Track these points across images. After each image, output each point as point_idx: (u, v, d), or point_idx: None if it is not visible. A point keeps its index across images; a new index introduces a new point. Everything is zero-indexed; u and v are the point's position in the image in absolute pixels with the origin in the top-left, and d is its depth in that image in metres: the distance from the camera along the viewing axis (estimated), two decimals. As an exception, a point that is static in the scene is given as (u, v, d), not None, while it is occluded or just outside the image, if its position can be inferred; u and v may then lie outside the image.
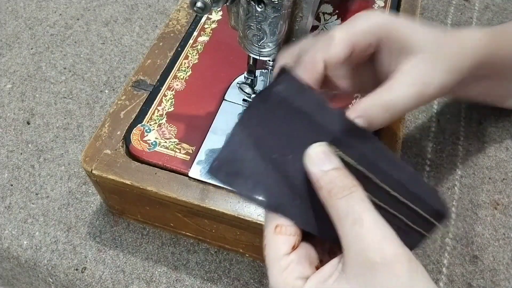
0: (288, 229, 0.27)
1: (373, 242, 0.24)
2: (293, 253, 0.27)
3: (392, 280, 0.23)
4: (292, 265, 0.26)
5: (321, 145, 0.27)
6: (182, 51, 0.47)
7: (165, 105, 0.42)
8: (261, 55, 0.36)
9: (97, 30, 0.61)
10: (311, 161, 0.27)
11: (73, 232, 0.44)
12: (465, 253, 0.42)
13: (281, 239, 0.27)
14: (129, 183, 0.37)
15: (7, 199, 0.46)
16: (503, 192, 0.46)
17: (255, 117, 0.27)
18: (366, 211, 0.25)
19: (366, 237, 0.24)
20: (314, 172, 0.26)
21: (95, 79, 0.56)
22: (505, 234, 0.43)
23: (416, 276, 0.24)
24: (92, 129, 0.51)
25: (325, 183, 0.26)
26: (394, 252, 0.24)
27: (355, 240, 0.24)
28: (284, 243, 0.27)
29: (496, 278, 0.41)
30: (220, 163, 0.27)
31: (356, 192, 0.26)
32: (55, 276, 0.42)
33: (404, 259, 0.24)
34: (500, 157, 0.48)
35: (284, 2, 0.32)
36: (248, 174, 0.27)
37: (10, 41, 0.59)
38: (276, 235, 0.27)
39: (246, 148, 0.27)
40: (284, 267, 0.26)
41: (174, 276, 0.42)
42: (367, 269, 0.24)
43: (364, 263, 0.24)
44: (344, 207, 0.25)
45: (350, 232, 0.25)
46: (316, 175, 0.26)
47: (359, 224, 0.24)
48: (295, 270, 0.26)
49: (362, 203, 0.25)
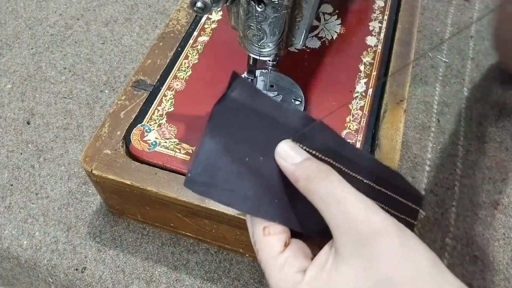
0: (276, 228, 0.28)
1: (360, 215, 0.24)
2: (287, 250, 0.27)
3: (386, 247, 0.24)
4: (289, 260, 0.27)
5: (286, 142, 0.28)
6: (182, 51, 0.47)
7: (165, 105, 0.42)
8: (261, 55, 0.36)
9: (97, 30, 0.61)
10: (282, 157, 0.28)
11: (73, 232, 0.44)
12: (465, 253, 0.42)
13: (272, 239, 0.27)
14: (129, 183, 0.37)
15: (7, 199, 0.46)
16: (503, 192, 0.46)
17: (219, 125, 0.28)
18: (346, 190, 0.25)
19: (352, 213, 0.25)
20: (288, 167, 0.27)
21: (95, 79, 0.56)
22: (505, 234, 0.43)
23: (407, 239, 0.24)
24: (92, 129, 0.51)
25: (301, 173, 0.27)
26: (381, 220, 0.24)
27: (342, 219, 0.25)
28: (276, 242, 0.27)
29: (496, 278, 0.41)
30: (194, 175, 0.27)
31: (333, 175, 0.26)
32: (55, 276, 0.42)
33: (392, 225, 0.24)
34: (500, 157, 0.48)
35: (284, 2, 0.32)
36: (223, 182, 0.27)
37: (10, 41, 0.59)
38: (266, 237, 0.28)
39: (217, 156, 0.27)
40: (282, 264, 0.27)
41: (174, 276, 0.42)
42: (359, 243, 0.24)
43: (355, 238, 0.24)
44: (325, 190, 0.26)
45: (336, 213, 0.25)
46: (290, 169, 0.27)
47: (343, 203, 0.25)
48: (293, 264, 0.27)
49: (341, 183, 0.26)
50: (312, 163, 0.27)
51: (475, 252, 0.42)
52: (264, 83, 0.42)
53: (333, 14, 0.51)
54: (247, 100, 0.28)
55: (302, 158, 0.27)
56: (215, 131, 0.28)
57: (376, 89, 0.44)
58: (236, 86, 0.28)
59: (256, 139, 0.28)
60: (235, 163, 0.27)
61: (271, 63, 0.39)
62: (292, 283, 0.26)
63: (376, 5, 0.52)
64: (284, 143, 0.28)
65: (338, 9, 0.52)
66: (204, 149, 0.27)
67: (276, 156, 0.28)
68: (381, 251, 0.24)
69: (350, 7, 0.52)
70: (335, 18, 0.51)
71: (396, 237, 0.24)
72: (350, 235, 0.24)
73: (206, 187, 0.27)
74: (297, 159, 0.27)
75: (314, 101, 0.43)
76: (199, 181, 0.27)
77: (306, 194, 0.27)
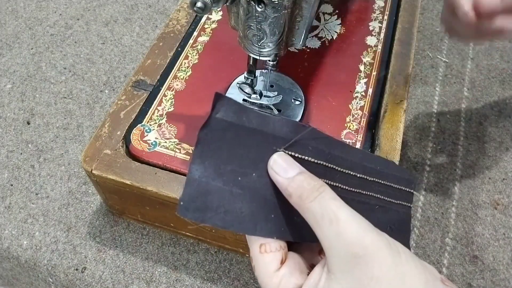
0: (272, 246, 0.28)
1: (352, 236, 0.24)
2: (283, 268, 0.27)
3: (378, 267, 0.24)
4: (285, 280, 0.27)
5: (279, 154, 0.28)
6: (182, 51, 0.47)
7: (165, 105, 0.42)
8: (261, 55, 0.36)
9: (97, 30, 0.61)
10: (275, 171, 0.28)
11: (73, 232, 0.44)
12: (465, 253, 0.42)
13: (268, 257, 0.28)
14: (129, 183, 0.37)
15: (7, 199, 0.46)
16: (503, 192, 0.46)
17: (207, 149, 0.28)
18: (339, 208, 0.25)
19: (344, 233, 0.25)
20: (281, 182, 0.27)
21: (95, 79, 0.56)
22: (505, 234, 0.43)
23: (399, 258, 0.25)
24: (92, 129, 0.51)
25: (294, 190, 0.27)
26: (372, 241, 0.25)
27: (334, 239, 0.25)
28: (272, 260, 0.27)
29: (496, 278, 0.41)
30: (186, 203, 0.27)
31: (325, 191, 0.26)
32: (55, 276, 0.42)
33: (383, 245, 0.25)
34: (500, 157, 0.48)
35: (284, 2, 0.32)
36: (217, 206, 0.27)
37: (10, 41, 0.59)
38: (262, 254, 0.28)
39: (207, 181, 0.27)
40: (277, 283, 0.27)
41: (174, 276, 0.42)
42: (351, 264, 0.24)
43: (347, 258, 0.24)
44: (318, 209, 0.26)
45: (328, 232, 0.25)
46: (283, 184, 0.27)
47: (335, 223, 0.25)
48: (288, 283, 0.27)
49: (334, 201, 0.26)
50: (305, 178, 0.27)
51: (475, 252, 0.42)
52: (264, 83, 0.42)
53: (333, 14, 0.51)
54: (234, 119, 0.28)
55: (295, 173, 0.27)
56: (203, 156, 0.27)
57: (376, 89, 0.44)
58: (220, 107, 0.28)
59: (247, 156, 0.28)
60: (227, 184, 0.27)
61: (271, 63, 0.39)
62: None
63: (376, 5, 0.52)
64: (277, 156, 0.28)
65: (338, 9, 0.52)
66: (193, 176, 0.27)
67: (269, 169, 0.28)
68: (373, 272, 0.24)
69: (350, 7, 0.52)
70: (335, 18, 0.51)
71: (388, 256, 0.24)
72: (342, 255, 0.25)
73: (200, 213, 0.27)
74: (290, 173, 0.27)
75: (314, 101, 0.43)
76: (191, 208, 0.27)
77: (299, 210, 0.27)
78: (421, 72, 0.57)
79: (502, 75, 0.56)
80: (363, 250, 0.24)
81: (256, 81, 0.41)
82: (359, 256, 0.24)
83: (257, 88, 0.42)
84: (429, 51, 0.59)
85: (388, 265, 0.24)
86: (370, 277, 0.24)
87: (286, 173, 0.27)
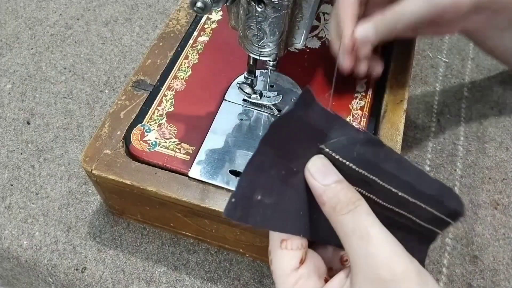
0: (294, 243, 0.27)
1: (382, 258, 0.24)
2: (302, 268, 0.26)
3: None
4: (302, 281, 0.26)
5: (320, 158, 0.27)
6: (182, 51, 0.47)
7: (165, 105, 0.42)
8: (261, 55, 0.36)
9: (97, 30, 0.61)
10: (312, 175, 0.26)
11: (73, 232, 0.44)
12: (465, 253, 0.42)
13: (288, 254, 0.27)
14: (129, 183, 0.37)
15: (7, 199, 0.46)
16: (503, 192, 0.46)
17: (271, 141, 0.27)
18: (372, 226, 0.24)
19: (374, 254, 0.24)
20: (316, 187, 0.26)
21: (95, 79, 0.56)
22: (505, 234, 0.43)
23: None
24: (92, 129, 0.51)
25: (328, 198, 0.26)
26: (403, 268, 0.24)
27: (363, 257, 0.24)
28: (292, 258, 0.26)
29: (496, 278, 0.41)
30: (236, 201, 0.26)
31: (361, 206, 0.25)
32: (55, 276, 0.42)
33: (413, 274, 0.24)
34: (500, 157, 0.48)
35: (284, 2, 0.32)
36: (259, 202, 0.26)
37: (10, 41, 0.59)
38: (282, 250, 0.27)
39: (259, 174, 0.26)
40: (293, 283, 0.26)
41: (174, 276, 0.42)
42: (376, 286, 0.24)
43: (373, 280, 0.24)
44: (350, 223, 0.25)
45: (357, 248, 0.24)
46: (318, 190, 0.26)
47: (366, 240, 0.24)
48: (305, 285, 0.26)
49: (368, 217, 0.25)
50: (342, 187, 0.26)
51: (475, 252, 0.42)
52: (264, 83, 0.42)
53: (333, 14, 0.51)
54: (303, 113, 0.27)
55: (332, 180, 0.26)
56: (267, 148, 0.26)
57: (376, 89, 0.44)
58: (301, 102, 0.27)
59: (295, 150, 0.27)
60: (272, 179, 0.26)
61: (271, 63, 0.39)
62: None
63: (376, 5, 0.52)
64: (317, 159, 0.27)
65: (338, 9, 0.52)
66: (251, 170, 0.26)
67: (306, 172, 0.27)
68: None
69: (350, 7, 0.52)
70: (335, 18, 0.51)
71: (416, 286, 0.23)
72: (368, 275, 0.24)
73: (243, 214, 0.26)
74: (328, 180, 0.26)
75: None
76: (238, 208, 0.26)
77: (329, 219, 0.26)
78: (421, 72, 0.57)
79: (502, 75, 0.56)
80: (392, 276, 0.23)
81: (256, 81, 0.41)
82: (385, 281, 0.23)
83: (257, 88, 0.42)
84: (429, 51, 0.59)
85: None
86: None
87: (324, 179, 0.26)
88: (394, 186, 0.28)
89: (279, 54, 0.37)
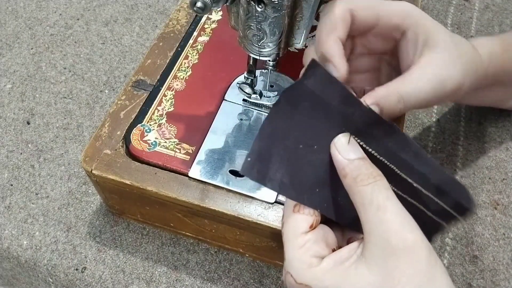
0: (307, 209, 0.28)
1: (396, 227, 0.25)
2: (311, 232, 0.27)
3: (411, 265, 0.24)
4: (309, 244, 0.27)
5: (346, 136, 0.28)
6: (182, 51, 0.47)
7: (165, 105, 0.42)
8: (261, 55, 0.36)
9: (97, 30, 0.61)
10: (338, 149, 0.28)
11: (73, 232, 0.44)
12: (465, 253, 0.42)
13: (300, 217, 0.28)
14: (129, 183, 0.37)
15: (7, 199, 0.46)
16: (503, 192, 0.46)
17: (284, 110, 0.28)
18: (389, 199, 0.26)
19: (389, 223, 0.25)
20: (340, 160, 0.27)
21: (95, 79, 0.56)
22: (505, 234, 0.43)
23: (435, 266, 0.25)
24: (92, 129, 0.51)
25: (351, 170, 0.27)
26: (415, 239, 0.24)
27: (378, 225, 0.25)
28: (303, 221, 0.28)
29: (496, 278, 0.41)
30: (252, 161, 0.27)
31: (381, 181, 0.26)
32: (55, 276, 0.42)
33: (424, 247, 0.25)
34: (500, 157, 0.48)
35: (284, 2, 0.32)
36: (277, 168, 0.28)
37: (10, 41, 0.59)
38: (294, 213, 0.28)
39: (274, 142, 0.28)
40: (301, 244, 0.27)
41: (174, 276, 0.42)
42: (387, 253, 0.24)
43: (385, 247, 0.24)
44: (369, 194, 0.26)
45: (373, 218, 0.25)
46: (342, 163, 0.27)
47: (383, 211, 0.25)
48: (311, 248, 0.27)
49: (386, 191, 0.26)
50: (364, 163, 0.27)
51: (475, 252, 0.42)
52: (264, 83, 0.42)
53: (333, 14, 0.51)
54: (319, 90, 0.28)
55: (356, 156, 0.27)
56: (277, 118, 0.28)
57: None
58: (311, 75, 0.28)
59: (315, 128, 0.28)
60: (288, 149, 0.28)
61: (271, 63, 0.39)
62: (306, 265, 0.26)
63: (376, 5, 0.52)
64: (343, 136, 0.28)
65: (338, 9, 0.52)
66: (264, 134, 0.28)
67: (331, 146, 0.28)
68: (406, 268, 0.24)
69: (350, 7, 0.52)
70: (335, 18, 0.51)
71: (425, 259, 0.24)
72: (380, 243, 0.25)
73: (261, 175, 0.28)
74: (352, 155, 0.27)
75: (314, 101, 0.43)
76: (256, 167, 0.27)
77: (349, 191, 0.27)
78: (421, 72, 0.57)
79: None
80: (403, 244, 0.24)
81: (256, 81, 0.41)
82: (397, 249, 0.24)
83: (257, 88, 0.42)
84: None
85: (423, 267, 0.24)
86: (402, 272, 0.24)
87: (348, 154, 0.27)
88: (410, 176, 0.29)
89: (279, 54, 0.37)
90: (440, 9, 0.63)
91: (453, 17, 0.61)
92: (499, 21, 0.61)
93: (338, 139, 0.28)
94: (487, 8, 0.63)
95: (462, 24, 0.61)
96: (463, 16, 0.62)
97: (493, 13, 0.62)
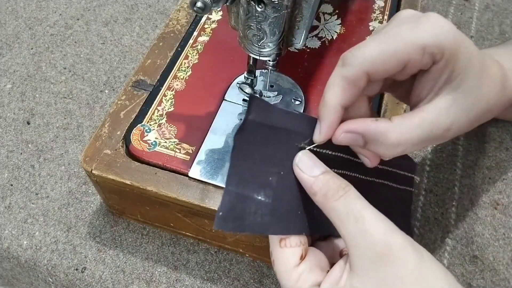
0: (293, 241, 0.28)
1: (378, 235, 0.25)
2: (303, 263, 0.27)
3: (402, 268, 0.24)
4: (304, 275, 0.27)
5: (305, 153, 0.28)
6: (182, 51, 0.47)
7: (165, 105, 0.42)
8: (261, 55, 0.36)
9: (97, 30, 0.61)
10: (300, 169, 0.28)
11: (73, 232, 0.44)
12: (465, 253, 0.42)
13: (288, 252, 0.27)
14: (129, 183, 0.37)
15: (7, 199, 0.46)
16: (503, 192, 0.46)
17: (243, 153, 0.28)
18: (364, 208, 0.25)
19: (370, 232, 0.25)
20: (306, 179, 0.27)
21: (95, 79, 0.56)
22: (505, 234, 0.43)
23: (423, 260, 0.25)
24: (92, 129, 0.51)
25: (319, 188, 0.27)
26: (398, 242, 0.25)
27: (360, 237, 0.25)
28: (292, 255, 0.27)
29: (496, 278, 0.41)
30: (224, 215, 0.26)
31: (351, 191, 0.26)
32: (55, 276, 0.42)
33: (409, 247, 0.25)
34: (500, 157, 0.48)
35: (284, 2, 0.32)
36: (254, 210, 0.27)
37: (10, 41, 0.59)
38: (282, 249, 0.28)
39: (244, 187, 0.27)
40: (296, 278, 0.27)
41: (174, 276, 0.42)
42: (376, 263, 0.24)
43: (371, 257, 0.24)
44: (343, 207, 0.26)
45: (353, 230, 0.25)
46: (308, 181, 0.27)
47: (361, 222, 0.25)
48: (308, 279, 0.27)
49: (359, 200, 0.26)
50: (330, 176, 0.27)
51: (475, 252, 0.42)
52: (264, 83, 0.42)
53: (333, 14, 0.51)
54: (263, 118, 0.28)
55: (320, 171, 0.27)
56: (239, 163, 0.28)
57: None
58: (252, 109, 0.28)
59: (275, 154, 0.28)
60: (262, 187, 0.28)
61: (271, 63, 0.39)
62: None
63: (376, 5, 0.52)
64: (302, 154, 0.28)
65: (338, 9, 0.52)
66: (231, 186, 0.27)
67: (294, 167, 0.28)
68: (397, 273, 0.24)
69: (350, 7, 0.52)
70: (335, 18, 0.51)
71: (413, 257, 0.24)
72: (367, 254, 0.25)
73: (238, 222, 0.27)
74: (316, 172, 0.27)
75: (314, 101, 0.43)
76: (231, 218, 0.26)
77: (323, 209, 0.27)
78: (421, 72, 0.57)
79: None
80: (389, 250, 0.24)
81: (256, 81, 0.41)
82: (384, 255, 0.24)
83: (257, 88, 0.42)
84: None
85: (413, 266, 0.24)
86: (395, 276, 0.24)
87: (312, 171, 0.27)
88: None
89: (279, 54, 0.37)
90: (440, 9, 0.63)
91: (453, 17, 0.61)
92: (499, 21, 0.61)
93: (299, 159, 0.28)
94: (487, 8, 0.63)
95: (462, 24, 0.61)
96: (463, 16, 0.62)
97: (493, 13, 0.62)
